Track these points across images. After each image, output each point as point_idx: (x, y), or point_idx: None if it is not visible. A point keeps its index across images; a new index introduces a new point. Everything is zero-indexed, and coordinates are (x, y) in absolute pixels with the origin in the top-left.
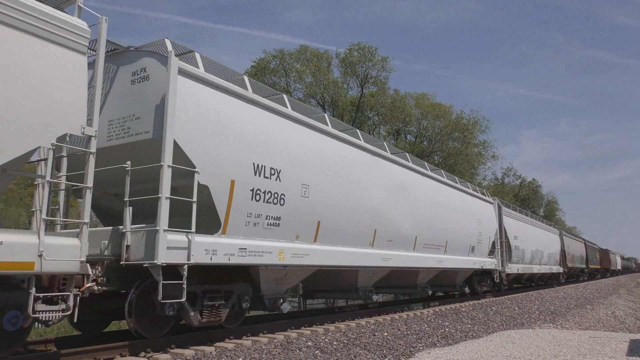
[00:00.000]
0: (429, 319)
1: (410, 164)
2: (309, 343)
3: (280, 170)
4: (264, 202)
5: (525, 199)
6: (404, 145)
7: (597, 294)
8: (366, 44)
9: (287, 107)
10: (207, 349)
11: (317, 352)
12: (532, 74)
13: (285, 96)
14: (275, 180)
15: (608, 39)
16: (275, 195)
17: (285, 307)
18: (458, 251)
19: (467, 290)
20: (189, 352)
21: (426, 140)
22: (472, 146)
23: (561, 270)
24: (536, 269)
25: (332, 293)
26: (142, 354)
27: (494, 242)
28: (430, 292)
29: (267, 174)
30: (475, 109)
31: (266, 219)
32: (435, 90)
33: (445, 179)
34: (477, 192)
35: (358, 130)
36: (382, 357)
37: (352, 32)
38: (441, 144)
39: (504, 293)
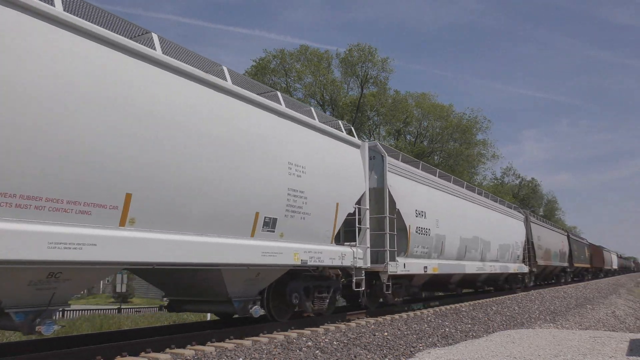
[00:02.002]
0: (429, 318)
1: None
2: (309, 343)
3: None
4: None
5: (524, 198)
6: (404, 145)
7: (597, 293)
8: (366, 45)
9: None
10: (207, 349)
11: (317, 352)
12: (532, 73)
13: None
14: None
15: (609, 39)
16: None
17: None
18: (198, 226)
19: (256, 310)
20: (189, 352)
21: (426, 141)
22: (472, 146)
23: (526, 269)
24: (473, 267)
25: None
26: (142, 354)
27: (354, 218)
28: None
29: None
30: (476, 109)
31: None
32: (435, 90)
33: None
34: (309, 117)
35: None
36: (382, 357)
37: (353, 32)
38: (441, 144)
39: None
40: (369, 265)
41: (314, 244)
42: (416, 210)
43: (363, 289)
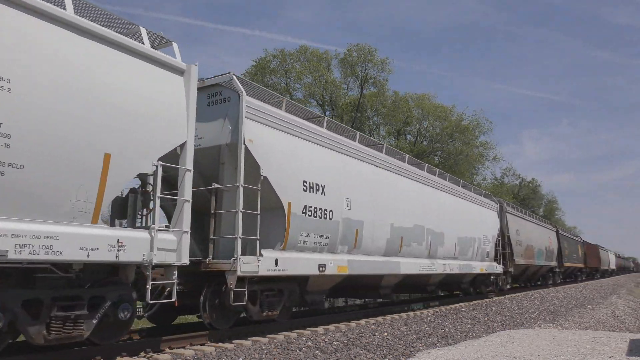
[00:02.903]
0: (429, 319)
1: None
2: (309, 343)
3: None
4: None
5: (525, 198)
6: (404, 145)
7: (597, 293)
8: (366, 45)
9: None
10: (207, 349)
11: (317, 352)
12: (533, 73)
13: None
14: None
15: (609, 39)
16: None
17: None
18: None
19: None
20: (189, 352)
21: (426, 140)
22: (472, 147)
23: (499, 269)
24: (414, 266)
25: None
26: (142, 353)
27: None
28: None
29: None
30: (478, 111)
31: None
32: (436, 90)
33: None
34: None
35: None
36: (382, 357)
37: (354, 32)
38: (441, 144)
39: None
40: (186, 261)
41: (34, 221)
42: (305, 182)
43: (173, 299)
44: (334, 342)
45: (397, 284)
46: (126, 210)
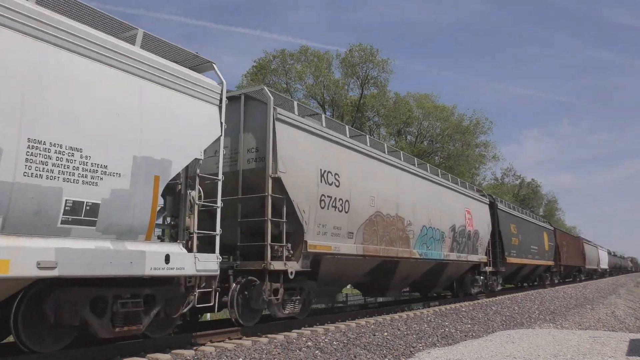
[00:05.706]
0: (429, 318)
1: None
2: (309, 343)
3: None
4: None
5: (525, 198)
6: (404, 145)
7: (597, 293)
8: (368, 46)
9: None
10: (207, 349)
11: (317, 352)
12: (533, 73)
13: None
14: None
15: (610, 39)
16: None
17: None
18: None
19: None
20: (189, 352)
21: (426, 141)
22: (472, 147)
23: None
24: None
25: None
26: (142, 353)
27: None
28: None
29: None
30: (478, 110)
31: None
32: (437, 90)
33: None
34: None
35: None
36: (382, 357)
37: (355, 32)
38: (442, 145)
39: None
40: None
41: None
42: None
43: None
44: (334, 342)
45: None
46: None
